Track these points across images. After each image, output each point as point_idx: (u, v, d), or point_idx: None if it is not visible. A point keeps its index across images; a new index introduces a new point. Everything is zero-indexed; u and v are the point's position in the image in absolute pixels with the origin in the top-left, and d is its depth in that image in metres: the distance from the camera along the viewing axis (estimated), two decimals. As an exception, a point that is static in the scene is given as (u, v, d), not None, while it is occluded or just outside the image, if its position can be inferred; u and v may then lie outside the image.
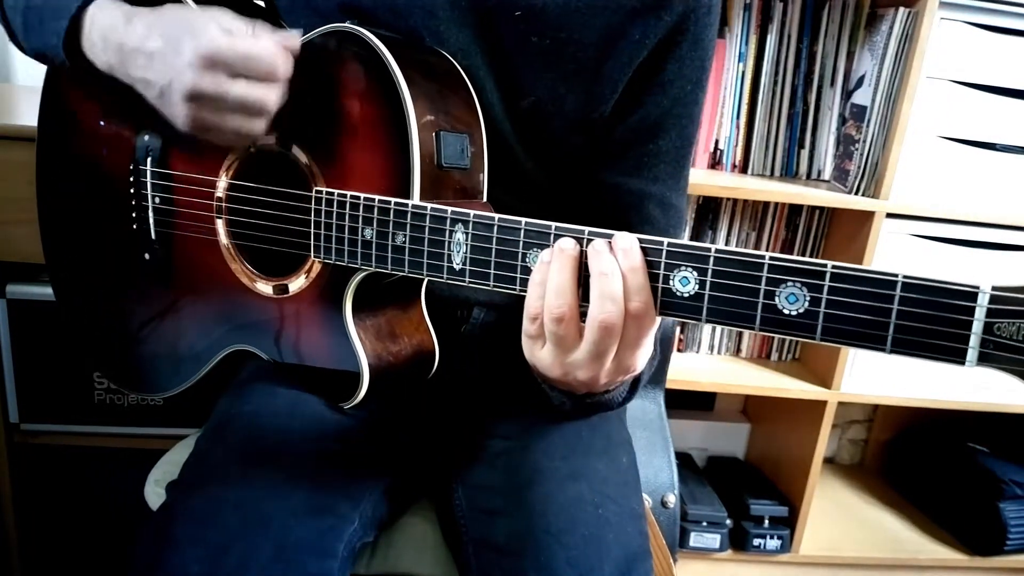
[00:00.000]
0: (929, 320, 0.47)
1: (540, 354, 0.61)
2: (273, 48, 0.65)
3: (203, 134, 0.66)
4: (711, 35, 0.77)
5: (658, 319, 0.58)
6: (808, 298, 0.50)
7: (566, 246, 0.58)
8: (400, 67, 0.66)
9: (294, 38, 0.68)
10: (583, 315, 0.58)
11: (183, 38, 0.63)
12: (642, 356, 0.60)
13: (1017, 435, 1.83)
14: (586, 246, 0.58)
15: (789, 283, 0.51)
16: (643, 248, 0.56)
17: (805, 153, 1.58)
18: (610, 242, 0.57)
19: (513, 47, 0.74)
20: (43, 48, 0.75)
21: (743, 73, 1.53)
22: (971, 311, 0.45)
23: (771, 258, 0.51)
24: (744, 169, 1.59)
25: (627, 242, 0.56)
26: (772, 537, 1.67)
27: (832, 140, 1.58)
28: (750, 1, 1.49)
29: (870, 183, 1.45)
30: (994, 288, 0.44)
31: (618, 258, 0.56)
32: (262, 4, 0.89)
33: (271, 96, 0.66)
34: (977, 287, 0.45)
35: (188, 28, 0.64)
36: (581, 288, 0.58)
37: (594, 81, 0.75)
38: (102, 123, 0.84)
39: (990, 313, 0.44)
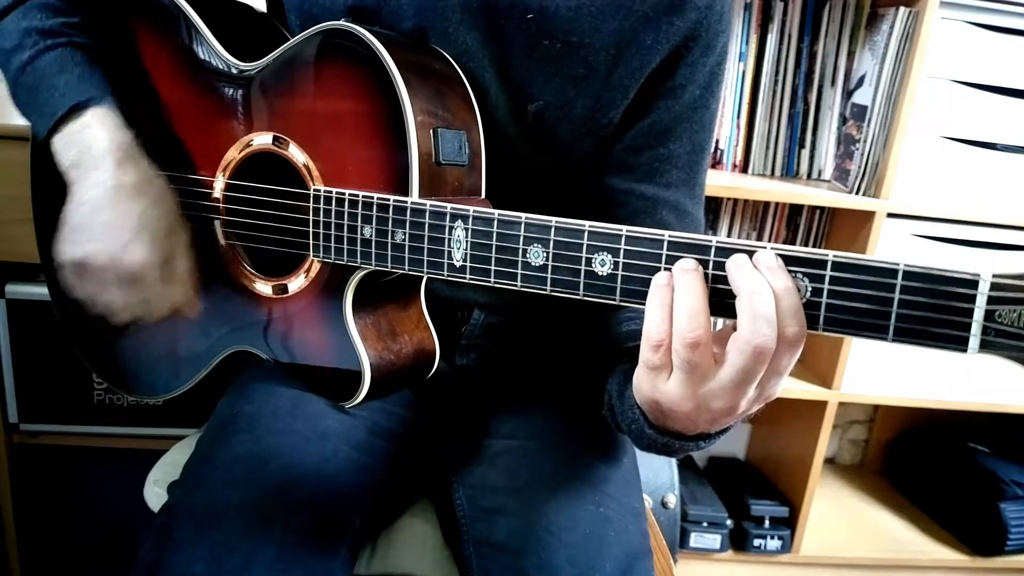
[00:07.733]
0: (930, 308, 0.47)
1: (666, 387, 0.54)
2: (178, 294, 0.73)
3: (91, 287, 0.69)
4: (723, 41, 0.77)
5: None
6: (810, 288, 0.50)
7: (688, 266, 0.52)
8: (397, 65, 0.66)
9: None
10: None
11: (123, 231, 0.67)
12: (784, 382, 0.54)
13: (1018, 435, 1.83)
14: (710, 268, 0.53)
15: (791, 273, 0.51)
16: (646, 239, 0.54)
17: (806, 153, 1.58)
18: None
19: (523, 51, 0.73)
20: (26, 118, 0.75)
21: (743, 73, 1.53)
22: (972, 299, 0.45)
23: (771, 248, 0.51)
24: (744, 169, 1.59)
25: (771, 259, 0.50)
26: (772, 537, 1.66)
27: (833, 140, 1.57)
28: (750, 1, 1.49)
29: (871, 183, 1.45)
30: (994, 276, 0.44)
31: (765, 278, 0.50)
32: (264, 10, 0.89)
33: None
34: (978, 275, 0.45)
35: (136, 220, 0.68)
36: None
37: (604, 86, 0.75)
38: None
39: (991, 300, 0.45)
